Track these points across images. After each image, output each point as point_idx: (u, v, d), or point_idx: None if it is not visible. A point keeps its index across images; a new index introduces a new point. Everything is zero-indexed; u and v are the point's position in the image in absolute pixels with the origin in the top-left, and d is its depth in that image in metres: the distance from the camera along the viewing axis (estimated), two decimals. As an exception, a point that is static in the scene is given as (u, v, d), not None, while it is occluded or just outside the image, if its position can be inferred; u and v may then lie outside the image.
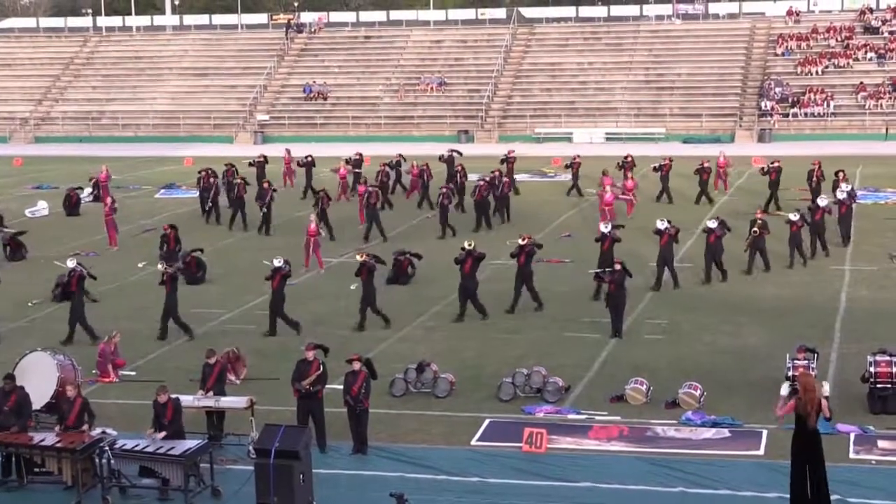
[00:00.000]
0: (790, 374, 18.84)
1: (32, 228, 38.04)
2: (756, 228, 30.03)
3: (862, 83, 66.61)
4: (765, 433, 18.23)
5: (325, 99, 73.01)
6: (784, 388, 15.65)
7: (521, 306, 26.42)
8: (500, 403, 20.18)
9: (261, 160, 45.44)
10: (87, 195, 44.95)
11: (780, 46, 71.31)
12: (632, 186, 39.86)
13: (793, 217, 30.85)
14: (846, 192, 34.37)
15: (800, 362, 19.48)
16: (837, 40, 70.96)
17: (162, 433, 16.72)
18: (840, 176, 37.01)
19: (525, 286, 26.42)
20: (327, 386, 18.05)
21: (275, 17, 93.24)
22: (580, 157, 45.65)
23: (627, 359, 22.59)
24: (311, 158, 45.78)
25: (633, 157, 44.07)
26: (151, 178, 53.33)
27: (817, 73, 68.59)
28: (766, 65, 70.51)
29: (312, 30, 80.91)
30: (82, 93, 77.36)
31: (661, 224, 28.66)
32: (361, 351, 20.01)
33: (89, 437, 16.78)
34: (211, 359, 18.67)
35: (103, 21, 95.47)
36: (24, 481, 16.96)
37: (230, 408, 18.37)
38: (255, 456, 15.93)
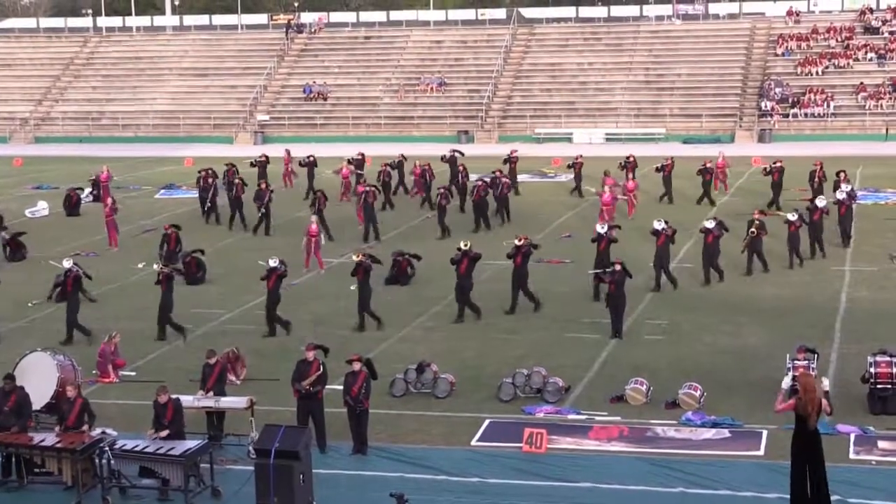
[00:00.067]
0: (791, 374, 18.83)
1: (32, 229, 38.01)
2: (754, 229, 30.02)
3: (862, 83, 66.60)
4: (765, 433, 18.23)
5: (325, 99, 72.99)
6: (786, 382, 15.64)
7: (521, 307, 26.40)
8: (500, 404, 20.17)
9: (262, 160, 45.44)
10: (87, 195, 44.93)
11: (781, 47, 71.30)
12: (632, 188, 39.83)
13: (791, 217, 30.85)
14: (846, 192, 34.38)
15: (800, 362, 19.48)
16: (837, 41, 70.94)
17: (165, 431, 16.74)
18: (841, 176, 37.00)
19: (520, 289, 26.42)
20: (327, 386, 18.05)
21: (275, 17, 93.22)
22: (582, 156, 45.67)
23: (627, 359, 22.59)
24: (312, 158, 45.74)
25: (635, 158, 44.06)
26: (151, 178, 53.31)
27: (817, 73, 68.58)
28: (767, 65, 70.49)
29: (312, 30, 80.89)
30: (82, 93, 77.33)
31: (658, 224, 28.66)
32: (361, 351, 20.00)
33: (89, 437, 16.77)
34: (211, 359, 18.67)
35: (103, 21, 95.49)
36: (24, 482, 16.95)
37: (230, 408, 18.37)
38: (255, 456, 15.92)
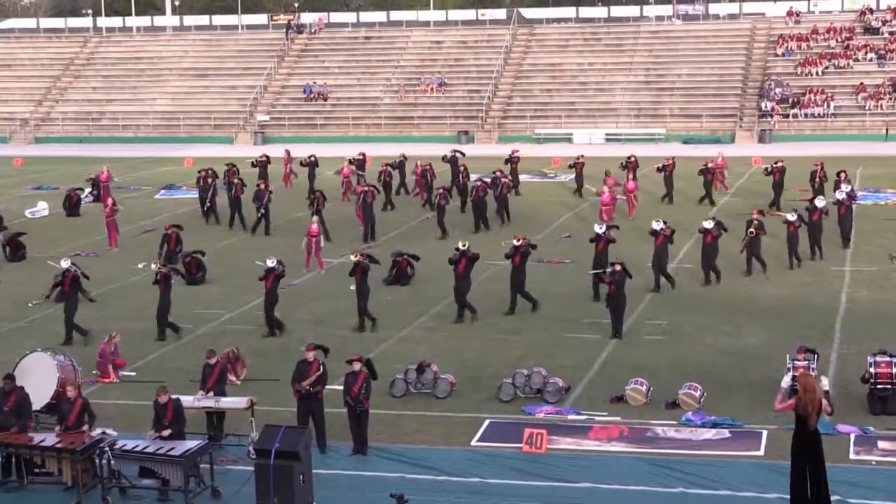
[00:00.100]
0: (790, 373, 18.83)
1: (32, 229, 38.01)
2: (752, 229, 30.01)
3: (862, 84, 66.59)
4: (765, 434, 18.22)
5: (326, 99, 72.99)
6: (785, 381, 15.63)
7: (521, 307, 26.40)
8: (500, 404, 20.17)
9: (263, 160, 45.45)
10: (87, 195, 44.93)
11: (781, 47, 71.29)
12: (633, 188, 39.80)
13: (790, 217, 30.84)
14: (846, 192, 34.37)
15: (800, 363, 19.46)
16: (838, 41, 70.93)
17: (167, 431, 16.73)
18: (842, 177, 36.99)
19: (518, 291, 26.40)
20: (327, 386, 18.04)
21: (275, 17, 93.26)
22: (584, 156, 45.66)
23: (627, 359, 22.59)
24: (314, 158, 45.77)
25: (636, 158, 44.05)
26: (151, 178, 53.32)
27: (817, 73, 68.57)
28: (767, 65, 70.48)
29: (312, 30, 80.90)
30: (82, 93, 77.33)
31: (656, 225, 28.66)
32: (361, 351, 20.00)
33: (89, 437, 16.77)
34: (211, 359, 18.67)
35: (103, 22, 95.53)
36: (24, 482, 16.95)
37: (230, 408, 18.37)
38: (255, 456, 15.93)
